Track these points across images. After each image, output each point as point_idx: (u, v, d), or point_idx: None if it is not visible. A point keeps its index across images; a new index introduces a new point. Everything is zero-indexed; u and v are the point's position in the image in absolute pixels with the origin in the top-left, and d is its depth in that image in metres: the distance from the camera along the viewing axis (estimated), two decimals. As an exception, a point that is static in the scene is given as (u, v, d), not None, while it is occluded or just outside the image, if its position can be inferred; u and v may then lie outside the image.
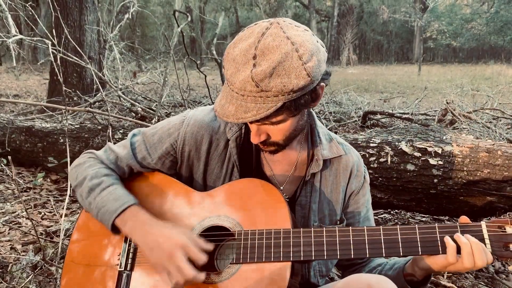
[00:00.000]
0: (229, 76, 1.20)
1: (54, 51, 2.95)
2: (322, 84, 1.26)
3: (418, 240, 1.22)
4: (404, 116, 6.13)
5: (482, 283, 2.44)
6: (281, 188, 1.48)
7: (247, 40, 1.18)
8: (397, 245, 1.23)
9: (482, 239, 1.19)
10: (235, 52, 1.18)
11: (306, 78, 1.15)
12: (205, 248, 1.28)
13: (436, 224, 1.23)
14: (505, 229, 1.19)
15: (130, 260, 1.37)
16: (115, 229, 1.38)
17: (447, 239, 1.20)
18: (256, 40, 1.16)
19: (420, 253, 1.22)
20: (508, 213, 1.24)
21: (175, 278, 1.22)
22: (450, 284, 2.39)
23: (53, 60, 2.78)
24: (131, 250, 1.39)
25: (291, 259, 1.25)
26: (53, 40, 2.86)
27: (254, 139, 1.31)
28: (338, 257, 1.25)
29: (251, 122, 1.28)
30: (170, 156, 1.50)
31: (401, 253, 1.23)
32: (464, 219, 1.24)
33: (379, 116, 6.65)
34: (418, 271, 1.32)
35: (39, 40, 3.57)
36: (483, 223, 1.21)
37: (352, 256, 1.24)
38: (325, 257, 1.25)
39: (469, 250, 1.17)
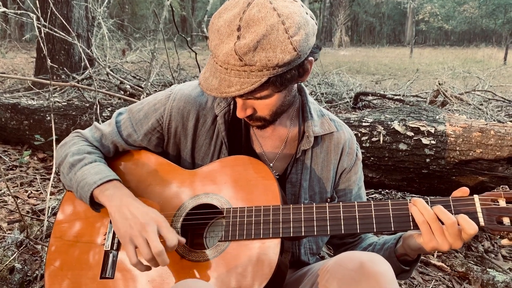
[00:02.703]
0: (213, 48, 1.15)
1: (39, 25, 2.85)
2: (310, 58, 1.21)
3: (410, 214, 1.20)
4: (395, 97, 6.11)
5: (472, 262, 2.45)
6: (271, 165, 1.44)
7: (232, 10, 1.12)
8: (388, 220, 1.20)
9: (474, 213, 1.16)
10: (220, 23, 1.13)
11: (293, 52, 1.10)
12: (179, 238, 1.22)
13: (428, 198, 1.20)
14: (498, 202, 1.16)
15: (116, 240, 1.33)
16: (93, 204, 1.33)
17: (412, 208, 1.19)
18: (241, 11, 1.10)
19: (412, 227, 1.19)
20: (501, 186, 1.21)
21: (143, 251, 1.16)
22: (440, 263, 2.40)
23: (37, 33, 2.69)
24: None
25: (281, 235, 1.22)
26: (38, 13, 2.76)
27: (240, 114, 1.27)
28: (329, 233, 1.23)
29: (234, 97, 1.24)
30: (156, 133, 1.45)
31: (393, 228, 1.20)
32: (463, 191, 1.20)
33: (370, 98, 6.63)
34: (411, 252, 1.30)
35: (23, 14, 3.45)
36: (475, 197, 1.17)
37: (343, 232, 1.22)
38: (315, 233, 1.23)
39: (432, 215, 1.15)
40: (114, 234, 1.34)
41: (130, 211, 1.23)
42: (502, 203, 1.16)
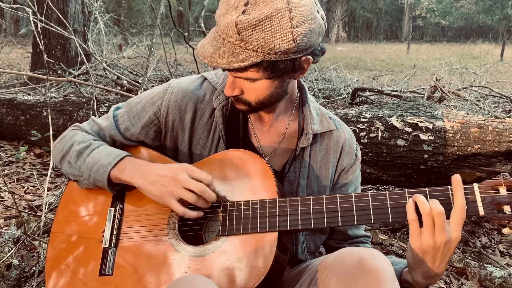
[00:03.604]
0: (217, 16, 1.17)
1: (35, 19, 2.82)
2: (309, 57, 1.21)
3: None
4: (393, 93, 6.12)
5: (469, 257, 2.45)
6: (266, 159, 1.43)
7: None
8: (386, 211, 1.20)
9: (474, 201, 1.13)
10: None
11: (291, 42, 1.11)
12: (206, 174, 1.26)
13: (426, 189, 1.19)
14: (498, 190, 1.13)
15: (114, 237, 1.33)
16: (111, 185, 1.34)
17: (408, 201, 1.16)
18: None
19: None
20: (501, 173, 1.19)
21: (187, 197, 1.21)
22: (437, 259, 2.40)
23: (33, 28, 2.66)
24: (115, 227, 1.34)
25: (278, 228, 1.22)
26: (34, 8, 2.74)
27: (227, 91, 1.28)
28: (326, 225, 1.22)
29: (224, 70, 1.25)
30: (153, 126, 1.44)
31: (390, 219, 1.20)
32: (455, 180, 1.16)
33: (368, 93, 6.63)
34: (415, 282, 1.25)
35: (19, 9, 3.42)
36: (475, 185, 1.15)
37: (340, 224, 1.22)
38: (312, 226, 1.22)
39: (427, 210, 1.12)
40: (112, 230, 1.34)
41: (155, 174, 1.27)
42: (503, 191, 1.13)
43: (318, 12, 1.17)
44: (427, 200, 1.14)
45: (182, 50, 9.79)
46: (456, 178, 1.15)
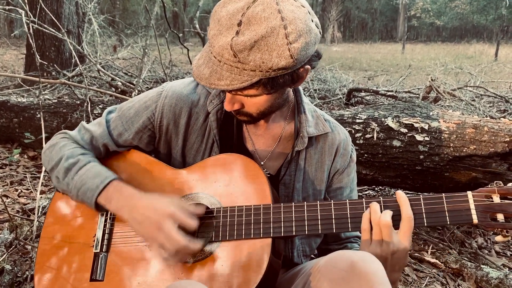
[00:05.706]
0: (210, 37, 1.13)
1: (28, 21, 2.80)
2: (307, 66, 1.19)
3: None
4: (388, 93, 6.12)
5: (466, 258, 2.44)
6: (262, 163, 1.42)
7: (237, 2, 1.10)
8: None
9: (468, 209, 1.14)
10: (222, 13, 1.10)
11: (289, 59, 1.08)
12: (195, 212, 1.22)
13: (420, 196, 1.19)
14: (492, 198, 1.14)
15: (106, 241, 1.31)
16: (98, 208, 1.32)
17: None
18: (246, 6, 1.08)
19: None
20: (495, 181, 1.19)
21: (167, 248, 1.17)
22: (434, 260, 2.40)
23: (26, 29, 2.64)
24: (107, 231, 1.32)
25: (272, 235, 1.21)
26: (26, 8, 2.71)
27: (227, 106, 1.26)
28: (320, 231, 1.21)
29: (223, 91, 1.22)
30: (147, 131, 1.42)
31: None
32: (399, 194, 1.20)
33: (363, 94, 6.63)
34: None
35: (12, 10, 3.39)
36: (469, 193, 1.16)
37: (334, 231, 1.21)
38: (306, 232, 1.21)
39: (376, 220, 1.16)
40: (103, 235, 1.32)
41: (140, 213, 1.23)
42: (496, 199, 1.14)
43: (312, 21, 1.14)
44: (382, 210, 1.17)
45: (177, 51, 9.77)
46: (400, 194, 1.19)
